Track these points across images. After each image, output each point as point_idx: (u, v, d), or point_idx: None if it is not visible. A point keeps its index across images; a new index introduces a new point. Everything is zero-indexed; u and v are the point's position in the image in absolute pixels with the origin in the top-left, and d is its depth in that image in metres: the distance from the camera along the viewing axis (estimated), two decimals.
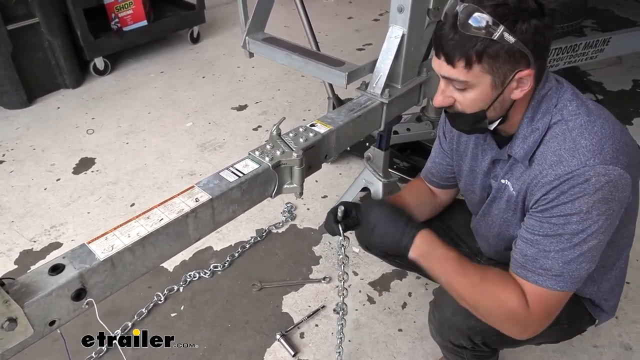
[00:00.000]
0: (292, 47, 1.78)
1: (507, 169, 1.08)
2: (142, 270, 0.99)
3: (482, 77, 0.92)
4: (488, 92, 0.94)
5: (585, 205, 0.89)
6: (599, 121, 0.94)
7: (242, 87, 3.36)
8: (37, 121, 2.96)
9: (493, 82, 0.93)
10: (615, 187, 0.89)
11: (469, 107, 0.98)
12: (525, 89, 0.94)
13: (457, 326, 1.14)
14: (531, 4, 0.87)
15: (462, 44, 0.89)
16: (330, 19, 4.50)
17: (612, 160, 0.89)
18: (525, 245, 0.98)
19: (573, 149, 0.91)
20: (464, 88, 0.95)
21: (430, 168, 1.39)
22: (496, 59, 0.89)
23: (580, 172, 0.89)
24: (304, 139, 1.29)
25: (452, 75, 0.93)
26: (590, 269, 0.95)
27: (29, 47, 2.98)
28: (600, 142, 0.91)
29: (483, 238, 1.29)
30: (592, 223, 0.90)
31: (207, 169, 2.53)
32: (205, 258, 2.01)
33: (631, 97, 3.17)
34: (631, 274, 1.88)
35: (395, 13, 1.50)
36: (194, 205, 1.04)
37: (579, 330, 1.26)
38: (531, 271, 0.96)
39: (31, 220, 2.21)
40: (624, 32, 2.60)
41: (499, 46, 0.87)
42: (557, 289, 0.95)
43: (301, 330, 1.71)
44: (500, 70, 0.91)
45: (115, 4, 3.33)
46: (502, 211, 1.11)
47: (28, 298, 0.81)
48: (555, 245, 0.93)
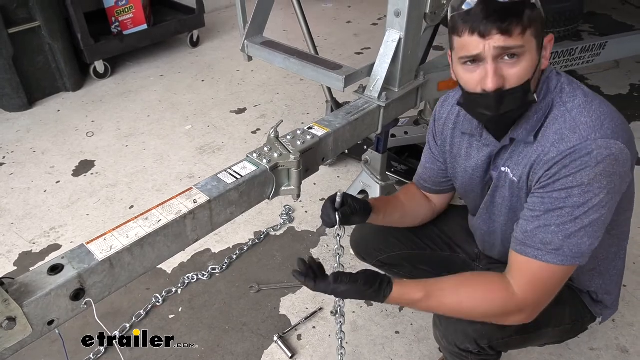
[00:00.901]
0: (290, 50, 1.80)
1: (508, 157, 1.08)
2: (141, 271, 1.00)
3: (531, 41, 0.92)
4: (535, 58, 0.94)
5: (587, 178, 0.91)
6: (596, 101, 0.97)
7: (241, 91, 3.38)
8: (38, 124, 2.98)
9: (538, 46, 0.94)
10: (617, 160, 0.91)
11: (519, 79, 0.93)
12: (548, 56, 0.97)
13: (463, 330, 1.14)
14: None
15: (516, 10, 0.88)
16: (329, 23, 4.53)
17: (612, 135, 0.92)
18: (526, 222, 0.99)
19: (574, 126, 0.94)
20: (518, 57, 0.92)
21: (421, 174, 1.39)
22: (536, 22, 0.92)
23: (582, 146, 0.91)
24: (301, 141, 1.30)
25: (509, 43, 0.89)
26: (593, 245, 0.95)
27: (30, 50, 3.00)
28: (600, 119, 0.93)
29: (487, 234, 1.28)
30: (593, 196, 0.91)
31: (206, 171, 2.54)
32: (203, 260, 2.02)
33: (628, 101, 3.19)
34: (628, 276, 1.89)
35: (392, 17, 1.52)
36: (192, 207, 1.05)
37: (581, 329, 1.27)
38: (531, 246, 0.97)
39: (31, 222, 2.22)
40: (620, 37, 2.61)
41: (537, 10, 0.92)
42: (557, 262, 0.95)
43: (298, 332, 1.72)
44: (541, 34, 0.94)
45: (115, 7, 3.35)
46: (507, 199, 1.12)
47: (27, 297, 0.82)
48: (556, 219, 0.94)
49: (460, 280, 1.06)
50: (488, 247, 1.33)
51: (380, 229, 1.46)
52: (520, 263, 1.00)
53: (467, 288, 1.04)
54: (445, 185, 1.36)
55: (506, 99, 0.95)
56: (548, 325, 1.18)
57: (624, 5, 4.51)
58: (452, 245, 1.48)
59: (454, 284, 1.06)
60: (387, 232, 1.45)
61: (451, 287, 1.05)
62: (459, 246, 1.47)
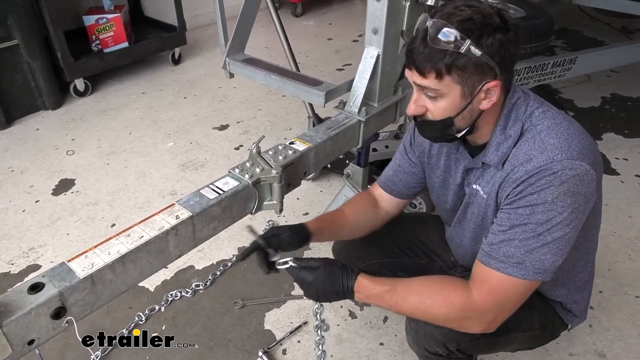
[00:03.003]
0: (271, 67, 1.83)
1: (479, 175, 1.12)
2: (123, 288, 1.00)
3: (452, 87, 0.98)
4: (458, 101, 1.00)
5: (550, 196, 0.94)
6: (564, 123, 1.01)
7: (223, 107, 3.39)
8: (16, 143, 2.94)
9: (462, 92, 0.98)
10: (581, 181, 0.94)
11: (439, 115, 1.03)
12: (493, 100, 0.99)
13: (431, 334, 1.16)
14: (495, 19, 0.94)
15: (433, 57, 0.95)
16: (310, 40, 4.59)
17: (578, 156, 0.95)
18: (493, 236, 1.02)
19: (542, 147, 0.97)
20: (436, 97, 1.00)
21: (391, 176, 1.39)
22: (464, 70, 0.95)
23: (548, 166, 0.94)
24: (283, 156, 1.32)
25: (424, 83, 0.99)
26: (556, 262, 0.98)
27: (8, 68, 2.97)
28: (567, 140, 0.97)
29: (459, 246, 1.31)
30: (556, 214, 0.94)
31: (189, 188, 2.53)
32: (186, 277, 2.00)
33: (600, 113, 3.30)
34: (603, 283, 1.94)
35: (370, 35, 1.56)
36: (175, 223, 1.06)
37: (552, 335, 1.29)
38: (494, 258, 1.00)
39: (9, 242, 2.18)
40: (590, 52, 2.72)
41: (466, 59, 0.93)
42: (518, 276, 0.98)
43: (283, 346, 1.72)
44: (469, 81, 0.96)
45: (96, 25, 3.35)
46: (475, 215, 1.16)
47: (6, 317, 0.81)
48: (519, 234, 0.97)
49: (426, 281, 1.09)
50: (461, 257, 1.36)
51: (361, 238, 1.49)
52: (483, 273, 1.02)
53: (431, 289, 1.06)
54: (413, 191, 1.39)
55: (426, 127, 1.08)
56: (517, 330, 1.20)
57: (594, 22, 4.68)
58: (430, 253, 1.51)
59: (419, 284, 1.08)
60: (368, 242, 1.48)
61: (416, 286, 1.07)
62: (436, 254, 1.50)
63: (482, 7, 0.94)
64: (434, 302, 1.04)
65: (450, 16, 0.94)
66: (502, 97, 1.02)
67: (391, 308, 1.09)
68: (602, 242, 1.83)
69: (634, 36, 4.42)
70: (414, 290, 1.07)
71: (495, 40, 0.93)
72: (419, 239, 1.51)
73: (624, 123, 3.15)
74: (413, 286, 1.08)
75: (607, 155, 2.78)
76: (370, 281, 1.09)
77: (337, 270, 1.10)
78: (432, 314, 1.05)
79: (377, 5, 1.49)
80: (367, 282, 1.09)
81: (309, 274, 1.11)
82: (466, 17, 0.93)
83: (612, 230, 2.23)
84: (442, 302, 1.03)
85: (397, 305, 1.08)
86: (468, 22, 0.93)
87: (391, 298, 1.07)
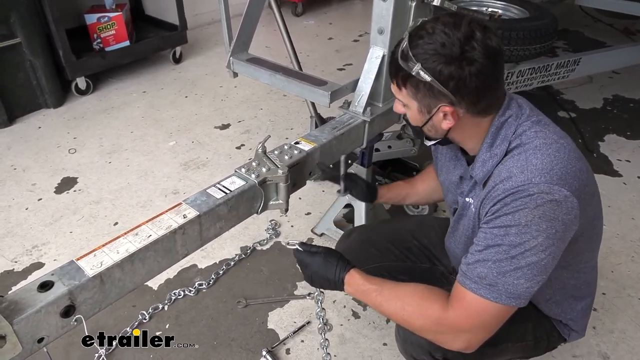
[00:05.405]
0: (275, 67, 1.82)
1: (471, 188, 1.13)
2: (131, 287, 1.00)
3: (409, 100, 1.04)
4: (417, 115, 1.06)
5: (524, 219, 0.91)
6: (555, 145, 0.97)
7: (224, 107, 3.39)
8: (18, 141, 2.94)
9: (419, 108, 1.03)
10: (559, 206, 0.91)
11: (410, 119, 1.10)
12: (451, 124, 1.01)
13: (418, 342, 1.16)
14: (454, 50, 0.92)
15: (395, 69, 1.02)
16: (311, 40, 4.59)
17: (558, 182, 0.92)
18: (471, 255, 1.01)
19: (524, 166, 0.95)
20: (403, 104, 1.08)
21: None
22: (417, 90, 1.00)
23: (524, 187, 0.92)
24: (289, 156, 1.32)
25: (393, 88, 1.08)
26: (531, 288, 0.95)
27: (10, 67, 2.97)
28: (551, 163, 0.94)
29: (454, 256, 1.31)
30: (530, 238, 0.92)
31: (191, 187, 2.53)
32: (190, 276, 2.01)
33: (602, 114, 3.30)
34: (607, 285, 1.95)
35: (375, 35, 1.56)
36: (182, 222, 1.06)
37: (548, 347, 1.28)
38: (469, 278, 0.98)
39: (12, 240, 2.18)
40: (593, 53, 2.72)
41: (417, 80, 0.97)
42: (491, 299, 0.95)
43: (287, 346, 1.72)
44: (423, 101, 1.01)
45: (97, 24, 3.35)
46: (466, 228, 1.16)
47: (17, 315, 0.81)
48: (493, 255, 0.95)
49: (411, 288, 1.09)
50: (456, 266, 1.36)
51: (363, 240, 1.52)
52: (459, 292, 1.00)
53: (413, 298, 1.06)
54: None
55: (410, 126, 1.15)
56: (507, 341, 1.18)
57: (595, 23, 4.69)
58: (432, 257, 1.52)
59: (404, 290, 1.09)
60: (369, 244, 1.49)
61: (402, 292, 1.08)
62: (438, 259, 1.51)
63: (449, 35, 0.92)
64: (413, 311, 1.05)
65: (416, 37, 0.96)
66: (495, 112, 1.02)
67: (375, 307, 1.12)
68: (605, 244, 1.84)
69: (636, 37, 4.43)
70: (399, 295, 1.08)
71: (445, 70, 0.93)
72: (420, 243, 1.52)
73: (627, 124, 3.15)
74: (399, 291, 1.09)
75: (610, 157, 2.78)
76: (361, 277, 1.12)
77: (334, 260, 1.15)
78: (410, 322, 1.06)
79: (383, 5, 1.48)
80: (358, 277, 1.12)
81: (309, 257, 1.17)
82: (426, 42, 0.94)
83: (615, 232, 2.23)
84: (419, 312, 1.04)
85: (381, 306, 1.09)
86: (426, 46, 0.94)
87: (376, 298, 1.09)
